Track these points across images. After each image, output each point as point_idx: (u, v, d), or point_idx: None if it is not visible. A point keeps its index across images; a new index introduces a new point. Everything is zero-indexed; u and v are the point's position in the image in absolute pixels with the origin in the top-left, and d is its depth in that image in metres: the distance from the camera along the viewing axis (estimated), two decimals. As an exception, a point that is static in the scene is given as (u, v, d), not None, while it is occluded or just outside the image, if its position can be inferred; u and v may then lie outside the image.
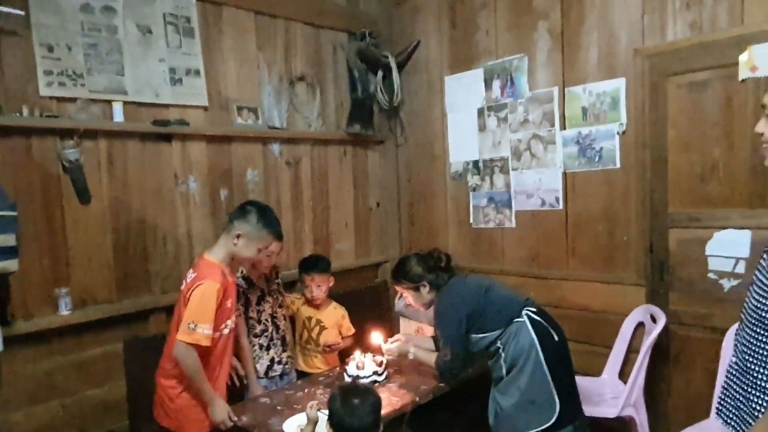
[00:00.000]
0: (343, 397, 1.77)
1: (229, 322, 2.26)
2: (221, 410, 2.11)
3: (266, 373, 2.63)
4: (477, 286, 2.39)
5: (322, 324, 2.88)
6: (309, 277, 2.84)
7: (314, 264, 2.89)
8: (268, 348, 2.66)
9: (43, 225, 2.48)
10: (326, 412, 1.84)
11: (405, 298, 2.47)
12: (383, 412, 2.12)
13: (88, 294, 2.61)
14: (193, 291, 2.08)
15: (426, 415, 2.30)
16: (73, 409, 2.56)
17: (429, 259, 2.42)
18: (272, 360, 2.66)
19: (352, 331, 2.89)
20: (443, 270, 2.40)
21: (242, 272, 2.67)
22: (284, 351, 2.74)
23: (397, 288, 2.47)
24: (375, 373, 2.38)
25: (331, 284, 2.91)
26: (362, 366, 2.40)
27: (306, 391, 2.35)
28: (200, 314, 2.05)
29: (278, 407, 2.19)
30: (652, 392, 2.80)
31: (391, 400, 2.23)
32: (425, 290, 2.39)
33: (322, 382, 2.47)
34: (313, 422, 1.88)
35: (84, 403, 2.59)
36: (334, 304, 2.97)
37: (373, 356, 2.49)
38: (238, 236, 2.19)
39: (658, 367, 2.79)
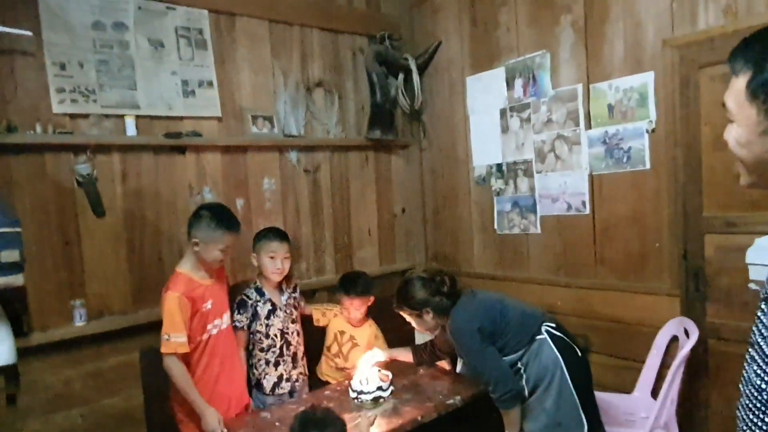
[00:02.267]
0: (301, 428, 1.67)
1: (217, 321, 2.35)
2: (212, 420, 2.14)
3: (273, 390, 2.57)
4: (490, 302, 2.27)
5: (354, 341, 2.81)
6: (348, 299, 2.76)
7: (353, 286, 2.78)
8: (276, 364, 2.59)
9: (59, 238, 2.54)
10: None
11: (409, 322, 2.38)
12: (385, 429, 2.06)
13: (103, 305, 2.66)
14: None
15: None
16: (92, 418, 2.61)
17: (432, 283, 2.29)
18: (280, 377, 2.59)
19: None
20: (447, 294, 2.27)
21: (255, 284, 2.64)
22: (295, 368, 2.65)
23: (400, 312, 2.37)
24: (379, 388, 2.30)
25: (370, 303, 2.83)
26: (367, 381, 2.32)
27: (309, 406, 2.29)
28: (168, 325, 2.18)
29: (276, 423, 2.14)
30: (688, 412, 2.58)
31: (394, 417, 2.14)
32: (428, 316, 2.28)
33: (327, 396, 2.41)
34: None
35: (102, 412, 2.64)
36: (369, 321, 2.88)
37: (379, 371, 2.41)
38: (195, 243, 2.27)
39: (695, 385, 2.57)
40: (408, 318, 2.35)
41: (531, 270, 3.26)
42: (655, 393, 2.65)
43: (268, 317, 2.58)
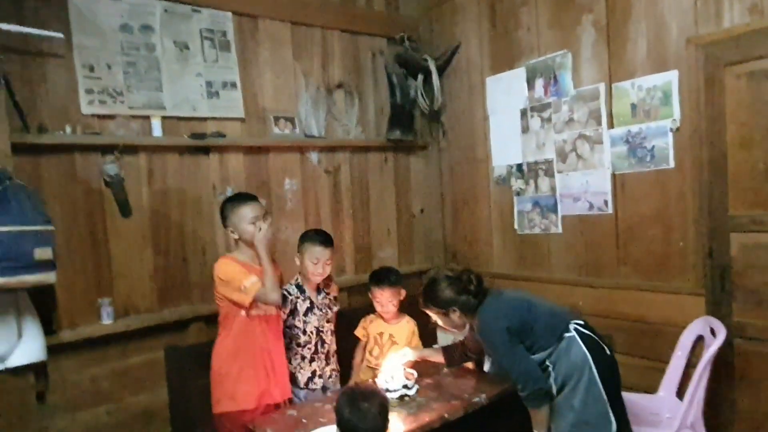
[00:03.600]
0: (350, 403, 1.73)
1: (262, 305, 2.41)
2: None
3: (306, 384, 2.62)
4: (518, 301, 2.27)
5: (393, 339, 2.82)
6: (379, 290, 2.79)
7: (384, 277, 2.83)
8: (311, 360, 2.64)
9: (87, 238, 2.59)
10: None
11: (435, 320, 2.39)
12: (411, 427, 2.07)
13: (129, 304, 2.71)
14: (217, 277, 2.35)
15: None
16: (118, 416, 2.65)
17: (459, 282, 2.29)
18: (314, 372, 2.63)
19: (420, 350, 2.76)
20: (474, 293, 2.27)
21: (297, 281, 2.67)
22: (328, 365, 2.69)
23: (426, 311, 2.38)
24: (405, 386, 2.30)
25: (401, 297, 2.85)
26: (392, 379, 2.33)
27: (335, 403, 2.30)
28: (236, 277, 2.29)
29: (303, 420, 2.16)
30: (714, 413, 2.56)
31: (420, 415, 2.15)
32: (455, 315, 2.28)
33: (352, 394, 2.42)
34: None
35: (128, 409, 2.68)
36: (407, 318, 2.89)
37: (405, 368, 2.41)
38: (232, 231, 2.41)
39: (722, 386, 2.54)
40: (434, 317, 2.36)
41: (552, 270, 3.25)
42: (680, 393, 2.63)
43: (306, 314, 2.62)
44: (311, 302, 2.66)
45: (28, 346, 2.25)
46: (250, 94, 3.09)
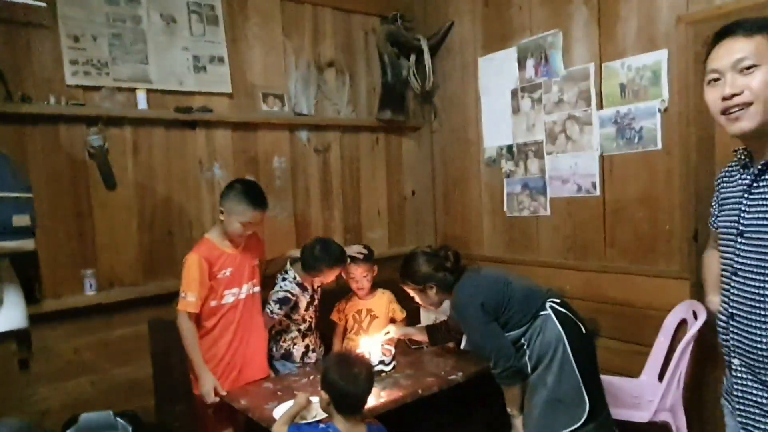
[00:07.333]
0: (341, 367, 1.75)
1: (234, 290, 2.42)
2: (207, 382, 2.24)
3: (301, 359, 2.70)
4: (494, 278, 2.26)
5: (372, 313, 2.87)
6: (353, 266, 2.82)
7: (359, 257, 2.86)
8: (304, 336, 2.74)
9: (71, 209, 2.59)
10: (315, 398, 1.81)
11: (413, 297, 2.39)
12: (383, 401, 2.08)
13: (114, 276, 2.71)
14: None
15: (429, 418, 2.20)
16: (101, 386, 2.66)
17: (436, 258, 2.29)
18: (307, 347, 2.73)
19: (404, 313, 2.89)
20: (451, 270, 2.27)
21: (295, 279, 2.68)
22: (317, 337, 2.83)
23: (403, 287, 2.38)
24: (382, 362, 2.31)
25: (374, 273, 2.88)
26: (369, 355, 2.33)
27: (311, 378, 2.32)
28: (185, 284, 2.31)
29: (278, 392, 2.17)
30: (698, 397, 2.55)
31: (394, 390, 2.15)
32: (432, 291, 2.28)
33: (329, 369, 2.43)
34: (300, 407, 1.83)
35: (111, 380, 2.69)
36: (380, 290, 2.96)
37: (383, 345, 2.42)
38: (221, 212, 2.38)
39: (704, 370, 2.53)
40: (412, 293, 2.36)
41: (540, 253, 3.23)
42: (662, 377, 2.61)
43: (306, 309, 2.71)
44: (311, 296, 2.74)
45: (9, 313, 2.25)
46: (238, 69, 3.07)
